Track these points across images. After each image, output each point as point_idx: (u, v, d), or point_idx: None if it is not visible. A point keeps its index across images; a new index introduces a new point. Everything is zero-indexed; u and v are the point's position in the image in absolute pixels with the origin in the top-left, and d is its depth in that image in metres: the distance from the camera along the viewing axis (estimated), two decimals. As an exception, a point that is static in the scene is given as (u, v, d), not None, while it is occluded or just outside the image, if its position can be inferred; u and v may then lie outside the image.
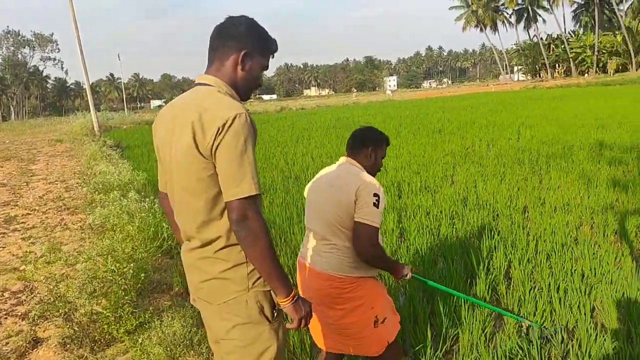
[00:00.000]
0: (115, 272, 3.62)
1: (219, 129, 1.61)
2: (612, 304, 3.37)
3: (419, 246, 4.81)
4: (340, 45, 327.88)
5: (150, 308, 3.83)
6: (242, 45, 1.78)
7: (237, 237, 1.62)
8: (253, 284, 1.75)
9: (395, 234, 5.20)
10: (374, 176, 2.52)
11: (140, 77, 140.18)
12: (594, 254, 4.23)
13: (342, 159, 2.58)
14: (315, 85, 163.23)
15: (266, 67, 1.89)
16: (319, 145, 13.39)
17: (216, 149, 1.62)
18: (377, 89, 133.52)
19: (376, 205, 2.32)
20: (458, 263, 4.38)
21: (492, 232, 4.93)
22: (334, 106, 41.13)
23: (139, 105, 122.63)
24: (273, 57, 1.91)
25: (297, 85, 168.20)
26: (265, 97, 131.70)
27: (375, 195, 2.34)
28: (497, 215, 5.81)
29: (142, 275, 3.78)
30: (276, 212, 6.41)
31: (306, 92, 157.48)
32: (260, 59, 1.84)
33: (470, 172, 8.12)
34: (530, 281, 3.86)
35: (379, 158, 2.59)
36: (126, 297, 3.53)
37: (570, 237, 4.80)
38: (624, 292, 3.51)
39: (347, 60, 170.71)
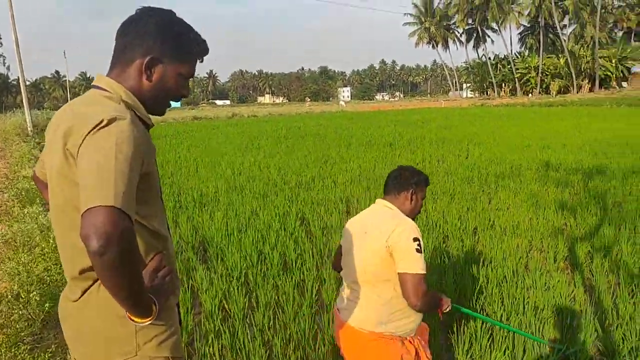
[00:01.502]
0: (17, 299, 3.11)
1: (87, 131, 1.24)
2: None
3: (365, 270, 4.51)
4: (296, 55, 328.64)
5: (53, 346, 3.33)
6: (149, 49, 1.41)
7: (92, 261, 1.19)
8: (144, 343, 1.35)
9: (340, 256, 4.87)
10: (413, 219, 2.31)
11: (88, 76, 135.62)
12: (545, 284, 4.04)
13: (378, 202, 2.41)
14: (269, 93, 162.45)
15: (190, 75, 1.51)
16: (268, 155, 13.00)
17: (78, 153, 1.25)
18: (330, 99, 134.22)
19: (419, 250, 2.12)
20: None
21: (443, 257, 4.69)
22: (287, 114, 40.80)
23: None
24: (201, 61, 1.53)
25: (251, 91, 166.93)
26: (219, 102, 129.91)
27: (416, 239, 2.14)
28: (447, 237, 5.60)
29: (47, 305, 3.28)
30: (215, 228, 5.97)
31: (260, 99, 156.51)
32: (175, 65, 1.46)
33: (420, 189, 7.93)
34: (482, 313, 3.61)
35: (420, 200, 2.41)
36: (27, 330, 3.03)
37: (521, 262, 4.62)
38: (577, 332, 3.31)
39: (302, 69, 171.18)
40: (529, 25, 75.47)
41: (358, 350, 2.25)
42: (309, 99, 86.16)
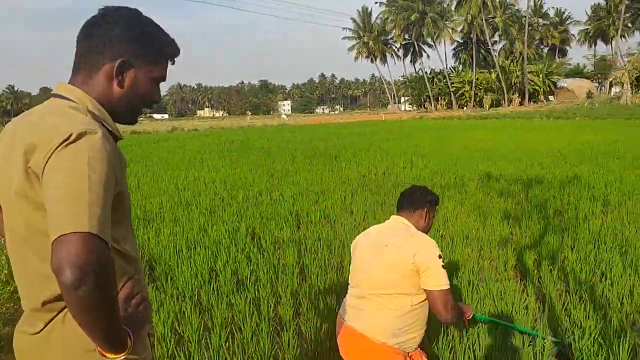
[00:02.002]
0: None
1: (53, 148, 1.11)
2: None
3: (321, 285, 4.43)
4: (236, 68, 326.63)
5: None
6: (119, 51, 1.29)
7: (64, 296, 1.05)
8: None
9: (295, 272, 4.78)
10: None
11: (17, 89, 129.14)
12: (499, 293, 4.10)
13: (395, 218, 2.52)
14: (209, 107, 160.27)
15: (162, 78, 1.39)
16: (213, 169, 12.72)
17: (44, 172, 1.11)
18: (271, 112, 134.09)
19: (444, 267, 2.26)
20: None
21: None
22: (229, 128, 40.31)
23: (12, 119, 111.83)
24: (173, 62, 1.41)
25: (190, 105, 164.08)
26: (156, 116, 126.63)
27: (440, 256, 2.26)
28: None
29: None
30: (163, 245, 5.73)
31: (200, 112, 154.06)
32: (147, 69, 1.33)
33: (368, 202, 7.97)
34: (443, 326, 3.61)
35: (432, 218, 2.56)
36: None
37: (473, 272, 4.69)
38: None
39: (242, 82, 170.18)
40: (462, 41, 78.58)
41: (366, 357, 2.31)
42: (250, 113, 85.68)
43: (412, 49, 78.29)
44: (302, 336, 3.68)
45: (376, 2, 79.16)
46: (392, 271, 2.27)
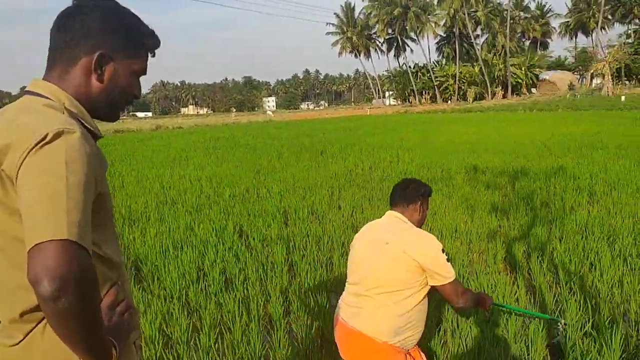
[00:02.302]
0: None
1: (28, 149, 1.03)
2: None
3: (310, 283, 4.39)
4: (219, 65, 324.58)
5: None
6: (97, 44, 1.21)
7: (43, 308, 0.99)
8: None
9: (284, 269, 4.72)
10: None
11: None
12: (490, 286, 4.09)
13: (390, 213, 2.50)
14: (193, 104, 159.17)
15: (143, 72, 1.32)
16: (198, 167, 12.60)
17: (18, 176, 1.04)
18: (256, 109, 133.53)
19: (448, 260, 2.29)
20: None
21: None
22: (214, 125, 40.05)
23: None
24: (153, 54, 1.34)
25: (174, 103, 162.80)
26: (140, 114, 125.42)
27: (443, 250, 2.28)
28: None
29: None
30: (149, 246, 5.64)
31: (184, 110, 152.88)
32: (128, 62, 1.26)
33: (356, 197, 7.94)
34: (435, 319, 3.59)
35: (426, 210, 2.55)
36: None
37: (463, 266, 4.68)
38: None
39: (226, 79, 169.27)
40: (445, 35, 78.97)
41: (368, 357, 2.29)
42: (235, 109, 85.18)
43: (395, 44, 78.49)
44: (293, 335, 3.63)
45: (359, -3, 79.24)
46: (395, 268, 2.25)
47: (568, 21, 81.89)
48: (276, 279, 4.50)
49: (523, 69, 71.07)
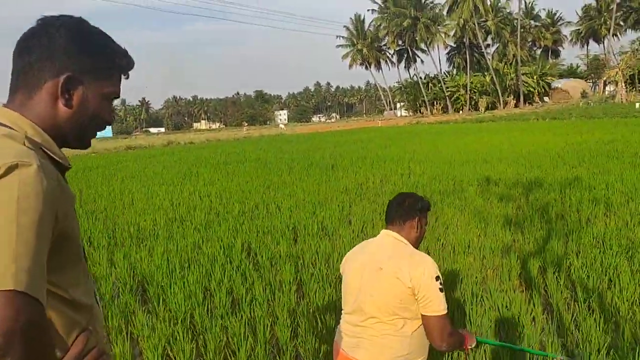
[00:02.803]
0: None
1: None
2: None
3: (319, 303, 4.27)
4: (231, 79, 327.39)
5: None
6: (64, 66, 1.11)
7: None
8: None
9: (292, 288, 4.61)
10: (418, 247, 2.29)
11: None
12: (506, 306, 3.94)
13: (386, 233, 2.28)
14: (205, 119, 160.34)
15: (115, 95, 1.21)
16: (208, 183, 12.57)
17: None
18: (268, 122, 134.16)
19: (441, 289, 2.08)
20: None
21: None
22: (225, 140, 40.21)
23: None
24: (127, 77, 1.24)
25: (186, 118, 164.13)
26: (153, 130, 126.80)
27: (437, 278, 2.09)
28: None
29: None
30: (156, 265, 5.56)
31: (196, 125, 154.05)
32: (98, 84, 1.16)
33: (367, 211, 7.82)
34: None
35: (424, 227, 2.34)
36: None
37: (476, 283, 4.53)
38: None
39: (238, 93, 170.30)
40: (455, 46, 78.84)
41: None
42: (246, 124, 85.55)
43: (405, 55, 78.49)
44: (301, 359, 3.51)
45: (369, 10, 79.65)
46: (390, 296, 2.10)
47: (579, 29, 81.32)
48: (284, 299, 4.39)
49: (535, 77, 70.63)
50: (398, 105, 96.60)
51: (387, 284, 2.11)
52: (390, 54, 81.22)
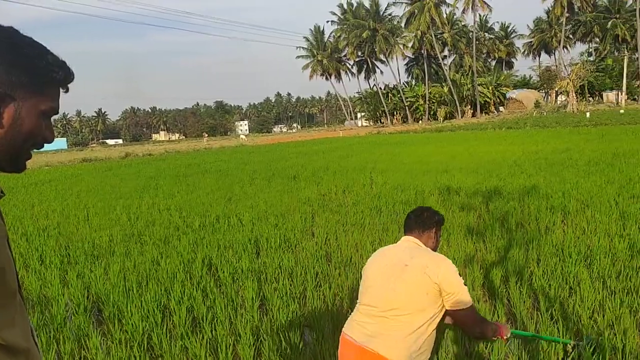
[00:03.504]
0: None
1: None
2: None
3: (283, 319, 4.16)
4: (191, 90, 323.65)
5: None
6: None
7: None
8: None
9: (255, 305, 4.49)
10: None
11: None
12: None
13: (406, 239, 2.53)
14: (164, 130, 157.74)
15: (54, 111, 1.08)
16: (168, 196, 12.27)
17: None
18: (229, 133, 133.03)
19: (465, 284, 2.31)
20: (329, 338, 3.80)
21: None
22: (185, 151, 39.55)
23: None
24: (66, 89, 1.10)
25: (145, 129, 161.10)
26: (110, 141, 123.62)
27: (459, 274, 2.32)
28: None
29: None
30: (112, 283, 5.33)
31: (155, 136, 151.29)
32: (34, 101, 1.03)
33: (330, 223, 7.76)
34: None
35: (439, 238, 2.59)
36: None
37: (441, 294, 4.51)
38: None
39: (198, 104, 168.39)
40: (413, 57, 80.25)
41: None
42: (207, 135, 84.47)
43: (365, 66, 79.30)
44: None
45: (328, 21, 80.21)
46: (414, 290, 2.26)
47: (531, 41, 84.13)
48: (247, 316, 4.26)
49: (490, 88, 72.54)
50: (359, 115, 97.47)
51: (414, 279, 2.27)
52: (350, 64, 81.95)
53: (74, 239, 7.95)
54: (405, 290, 2.27)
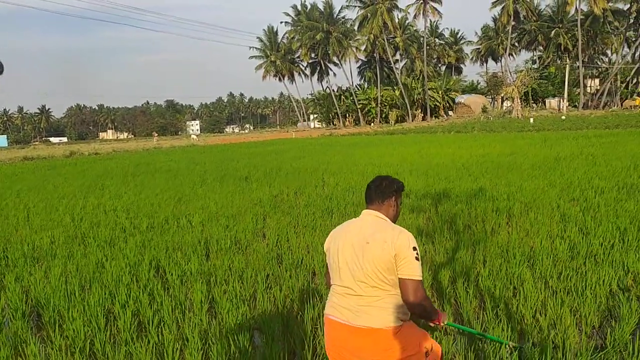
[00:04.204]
0: None
1: None
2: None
3: (233, 322, 4.09)
4: (140, 88, 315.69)
5: None
6: None
7: None
8: None
9: (204, 309, 4.39)
10: (395, 223, 2.58)
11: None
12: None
13: (367, 213, 2.58)
14: (112, 128, 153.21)
15: None
16: (115, 196, 11.89)
17: None
18: (179, 133, 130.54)
19: (417, 258, 2.40)
20: (279, 340, 3.77)
21: (314, 298, 4.45)
22: (134, 151, 38.50)
23: None
24: None
25: (91, 127, 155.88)
26: (54, 139, 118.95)
27: (415, 249, 2.41)
28: (315, 273, 5.41)
29: None
30: (52, 287, 5.10)
31: (102, 135, 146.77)
32: None
33: (281, 224, 7.71)
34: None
35: (399, 205, 2.67)
36: None
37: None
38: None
39: (148, 103, 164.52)
40: (366, 60, 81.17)
41: (385, 347, 2.37)
42: (157, 134, 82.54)
43: (318, 68, 79.59)
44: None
45: (282, 22, 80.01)
46: (379, 264, 2.36)
47: (479, 48, 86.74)
48: (195, 319, 4.17)
49: (440, 92, 74.35)
50: (311, 117, 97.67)
51: (376, 254, 2.38)
52: (303, 66, 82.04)
53: (13, 240, 7.59)
54: (371, 266, 2.38)
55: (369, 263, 2.38)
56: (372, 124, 72.33)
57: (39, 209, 10.51)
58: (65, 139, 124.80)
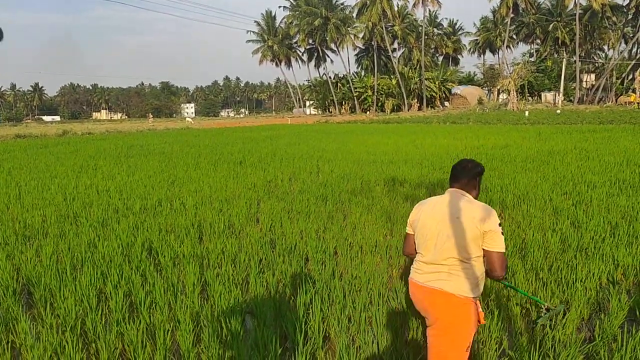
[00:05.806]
0: None
1: None
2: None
3: (225, 305, 4.10)
4: (136, 69, 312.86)
5: None
6: None
7: None
8: None
9: (196, 291, 4.40)
10: None
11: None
12: (411, 306, 3.99)
13: (453, 191, 2.81)
14: (106, 109, 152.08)
15: None
16: (108, 177, 11.84)
17: None
18: (174, 115, 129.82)
19: (502, 233, 2.65)
20: (271, 324, 3.78)
21: (307, 283, 4.45)
22: (127, 132, 38.29)
23: None
24: None
25: (85, 107, 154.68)
26: (46, 118, 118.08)
27: (500, 225, 2.65)
28: (308, 259, 5.41)
29: None
30: (43, 266, 5.09)
31: (96, 115, 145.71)
32: None
33: (275, 210, 7.71)
34: (354, 347, 3.42)
35: (479, 186, 2.89)
36: None
37: (383, 285, 4.57)
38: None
39: (142, 84, 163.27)
40: (363, 48, 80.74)
41: (453, 310, 2.64)
42: (152, 115, 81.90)
43: (316, 54, 79.13)
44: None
45: (280, 7, 79.31)
46: (472, 239, 2.61)
47: (477, 39, 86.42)
48: (187, 301, 4.17)
49: (437, 82, 74.17)
50: (307, 103, 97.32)
51: (465, 228, 2.61)
52: (300, 52, 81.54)
53: (4, 218, 7.54)
54: (464, 238, 2.62)
55: (457, 236, 2.63)
56: (368, 112, 72.16)
57: (30, 187, 10.44)
58: (58, 118, 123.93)
